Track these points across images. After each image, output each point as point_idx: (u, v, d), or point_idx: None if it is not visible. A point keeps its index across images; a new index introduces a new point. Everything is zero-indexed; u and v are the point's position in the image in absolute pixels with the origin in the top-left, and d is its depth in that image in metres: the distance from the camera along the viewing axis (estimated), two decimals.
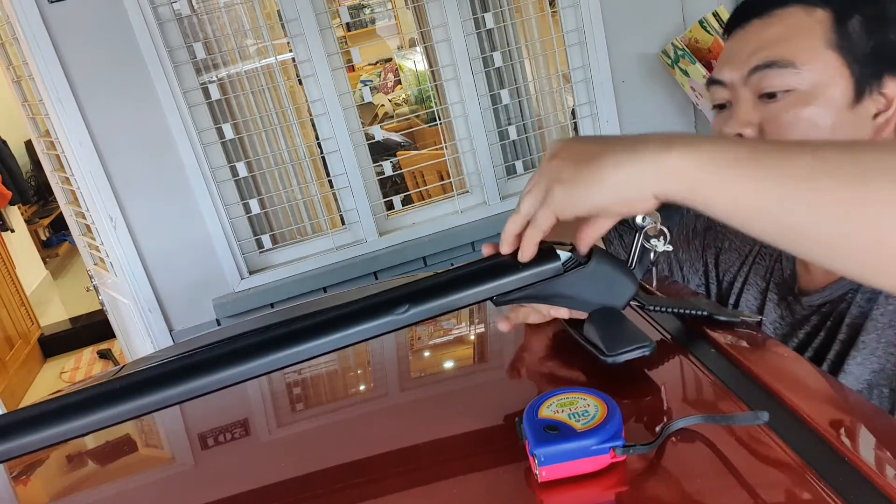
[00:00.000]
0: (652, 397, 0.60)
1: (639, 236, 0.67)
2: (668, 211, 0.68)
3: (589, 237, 0.64)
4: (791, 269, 0.92)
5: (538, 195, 0.61)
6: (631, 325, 0.64)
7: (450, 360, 0.83)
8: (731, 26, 0.86)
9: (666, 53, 2.60)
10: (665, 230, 0.66)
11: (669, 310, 0.71)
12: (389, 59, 5.93)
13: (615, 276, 0.66)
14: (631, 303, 0.68)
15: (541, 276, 0.64)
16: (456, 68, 2.55)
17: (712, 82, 0.86)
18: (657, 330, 0.71)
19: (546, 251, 0.65)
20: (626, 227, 0.68)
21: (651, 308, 0.71)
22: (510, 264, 0.64)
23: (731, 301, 0.98)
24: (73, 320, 4.84)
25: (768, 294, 0.94)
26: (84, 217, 2.62)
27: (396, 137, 4.25)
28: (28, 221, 5.88)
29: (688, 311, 0.71)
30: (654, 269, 0.71)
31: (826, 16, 0.78)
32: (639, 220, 0.66)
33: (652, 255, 0.67)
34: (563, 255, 0.65)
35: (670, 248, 0.66)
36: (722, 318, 0.70)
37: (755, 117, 0.81)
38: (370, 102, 4.99)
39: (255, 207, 2.57)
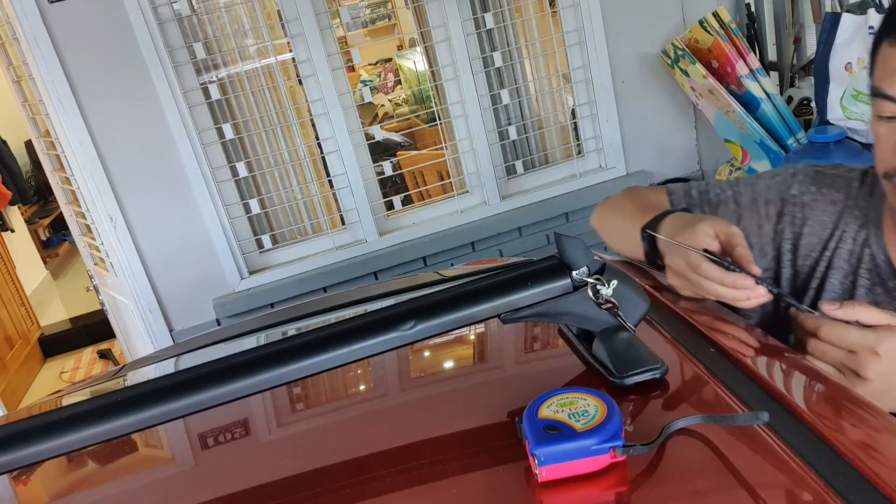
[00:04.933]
0: (652, 397, 0.60)
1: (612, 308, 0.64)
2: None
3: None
4: (884, 255, 0.90)
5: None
6: (642, 347, 0.62)
7: (450, 359, 0.83)
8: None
9: (666, 53, 2.60)
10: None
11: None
12: (389, 59, 5.92)
13: (627, 294, 0.64)
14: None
15: (551, 294, 0.63)
16: (456, 68, 2.55)
17: (884, 96, 0.80)
18: (657, 330, 0.71)
19: (556, 268, 0.64)
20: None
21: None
22: (519, 281, 0.63)
23: (813, 286, 0.95)
24: (73, 320, 4.83)
25: (858, 280, 0.92)
26: (84, 217, 2.62)
27: (396, 137, 4.24)
28: (28, 221, 5.87)
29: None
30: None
31: None
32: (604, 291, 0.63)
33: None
34: (574, 272, 0.63)
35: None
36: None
37: None
38: (370, 102, 4.98)
39: (255, 207, 2.57)
